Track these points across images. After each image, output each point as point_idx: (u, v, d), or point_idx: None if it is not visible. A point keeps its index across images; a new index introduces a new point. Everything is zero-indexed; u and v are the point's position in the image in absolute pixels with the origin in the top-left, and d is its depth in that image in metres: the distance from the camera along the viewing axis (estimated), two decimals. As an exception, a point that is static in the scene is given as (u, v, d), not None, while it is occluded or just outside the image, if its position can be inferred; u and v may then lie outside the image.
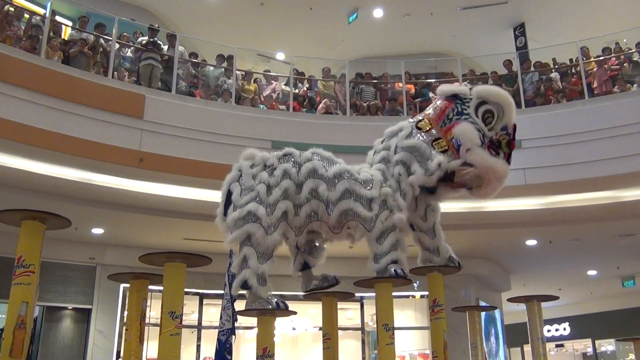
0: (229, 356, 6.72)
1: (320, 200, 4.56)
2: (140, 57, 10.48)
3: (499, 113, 4.70)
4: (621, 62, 11.44)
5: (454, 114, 4.69)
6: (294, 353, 15.06)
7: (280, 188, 4.55)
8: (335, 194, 4.55)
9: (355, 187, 4.59)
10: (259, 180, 4.61)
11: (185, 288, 4.31)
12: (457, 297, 13.09)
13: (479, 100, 4.70)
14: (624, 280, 17.30)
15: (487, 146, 4.59)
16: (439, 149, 4.59)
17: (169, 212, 10.43)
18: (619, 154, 9.86)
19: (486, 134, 4.63)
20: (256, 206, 4.48)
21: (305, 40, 15.18)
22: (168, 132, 9.68)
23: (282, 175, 4.60)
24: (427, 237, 4.85)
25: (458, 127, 4.59)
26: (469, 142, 4.53)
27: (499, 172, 4.62)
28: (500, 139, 4.66)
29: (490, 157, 4.57)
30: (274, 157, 4.75)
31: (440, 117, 4.71)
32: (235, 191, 4.66)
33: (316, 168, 4.64)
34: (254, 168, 4.73)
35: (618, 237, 12.58)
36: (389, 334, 4.35)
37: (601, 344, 22.48)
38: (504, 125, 4.71)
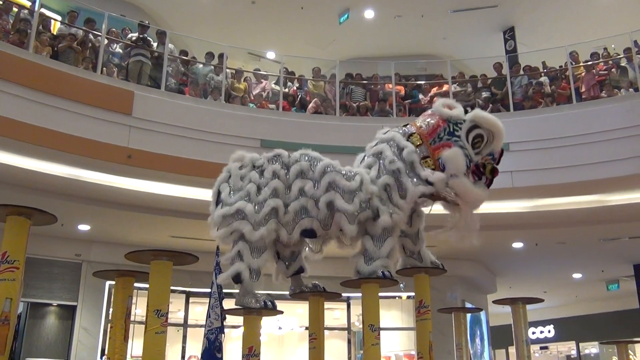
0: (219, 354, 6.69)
1: (309, 197, 4.59)
2: (130, 54, 10.42)
3: (488, 138, 4.78)
4: (609, 67, 11.54)
5: (445, 134, 4.75)
6: (280, 352, 15.04)
7: (269, 187, 4.57)
8: (321, 190, 4.59)
9: (337, 178, 4.62)
10: (247, 181, 4.64)
11: (172, 286, 4.29)
12: (443, 298, 13.12)
13: (472, 124, 4.76)
14: (609, 284, 17.44)
15: (471, 170, 4.71)
16: (426, 166, 4.66)
17: (156, 209, 10.38)
18: (605, 158, 9.94)
19: (472, 158, 4.72)
20: (244, 204, 4.51)
21: (296, 39, 15.17)
22: (157, 129, 9.64)
23: (271, 177, 4.63)
24: (410, 242, 4.89)
25: (448, 153, 4.65)
26: (454, 169, 4.61)
27: (478, 199, 4.76)
28: (485, 163, 4.77)
29: (470, 185, 4.68)
30: (263, 158, 4.77)
31: (432, 135, 4.76)
32: (224, 192, 4.70)
33: (304, 170, 4.67)
34: (242, 169, 4.76)
35: (603, 240, 12.69)
36: (374, 334, 4.36)
37: (585, 347, 22.66)
38: (492, 151, 4.82)
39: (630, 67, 11.04)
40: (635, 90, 10.62)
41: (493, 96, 11.68)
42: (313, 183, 4.63)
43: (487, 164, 4.76)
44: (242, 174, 4.72)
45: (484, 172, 4.75)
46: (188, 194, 9.87)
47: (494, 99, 11.60)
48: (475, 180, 4.72)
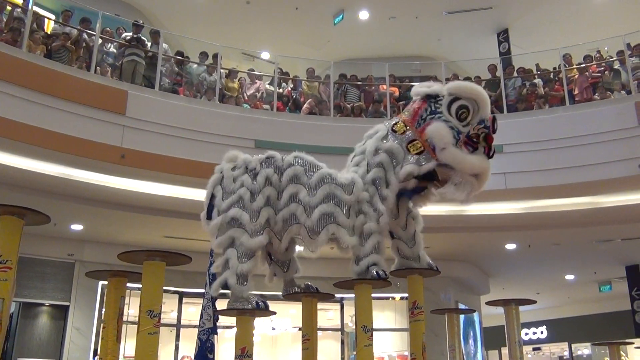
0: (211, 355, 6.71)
1: (300, 204, 4.55)
2: (124, 53, 10.39)
3: (474, 108, 4.58)
4: (602, 69, 11.60)
5: (427, 114, 4.63)
6: (274, 353, 15.03)
7: (263, 195, 4.55)
8: (316, 199, 4.53)
9: (336, 192, 4.56)
10: (240, 184, 4.60)
11: (165, 286, 4.28)
12: (437, 299, 13.16)
13: (452, 97, 4.60)
14: (601, 285, 17.52)
15: (463, 142, 4.53)
16: (414, 150, 4.55)
17: (149, 209, 10.35)
18: (598, 160, 9.99)
19: (461, 130, 4.53)
20: (240, 212, 4.48)
21: (291, 40, 15.17)
22: (150, 129, 9.62)
23: (264, 182, 4.59)
24: (405, 246, 4.82)
25: (430, 127, 4.53)
26: (441, 142, 4.46)
27: (476, 167, 4.54)
28: (478, 132, 4.55)
29: (465, 154, 4.50)
30: (256, 161, 4.73)
31: (415, 118, 4.66)
32: (217, 195, 4.67)
33: (298, 174, 4.63)
34: (235, 171, 4.72)
35: (596, 242, 12.74)
36: (367, 335, 4.36)
37: (577, 348, 22.74)
38: (481, 119, 4.60)
39: (623, 70, 11.11)
40: (628, 93, 10.67)
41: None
42: (307, 189, 4.58)
43: (479, 133, 4.56)
44: (234, 175, 4.68)
45: (478, 142, 4.55)
46: (181, 194, 9.85)
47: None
48: (471, 152, 4.53)
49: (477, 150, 4.55)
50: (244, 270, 4.40)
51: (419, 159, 4.52)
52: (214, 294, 4.67)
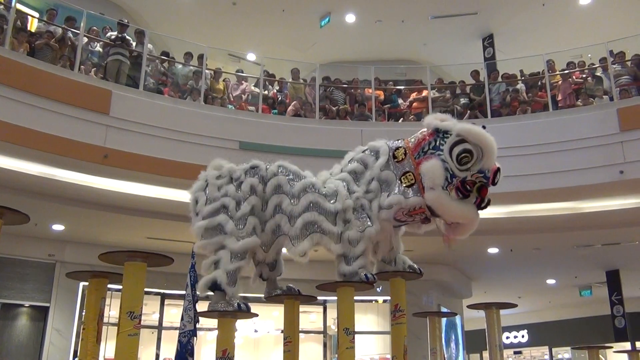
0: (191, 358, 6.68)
1: (283, 213, 4.59)
2: (109, 52, 10.32)
3: (478, 155, 4.37)
4: (585, 76, 11.73)
5: (430, 148, 4.50)
6: (256, 355, 14.99)
7: (248, 203, 4.59)
8: (299, 208, 4.57)
9: (319, 200, 4.59)
10: (224, 193, 4.64)
11: (147, 288, 4.26)
12: (419, 302, 13.21)
13: (458, 138, 4.41)
14: (582, 290, 17.68)
15: (455, 187, 4.34)
16: (406, 182, 4.48)
17: (132, 210, 10.28)
18: (580, 166, 10.08)
19: (456, 173, 4.34)
20: (225, 219, 4.52)
21: (277, 42, 15.16)
22: (134, 129, 9.55)
23: (249, 191, 4.63)
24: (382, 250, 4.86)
25: (425, 164, 4.42)
26: (430, 182, 4.34)
27: (460, 216, 4.43)
28: (475, 180, 4.36)
29: (449, 199, 4.35)
30: (240, 171, 4.76)
31: (417, 148, 4.57)
32: (200, 200, 4.71)
33: (281, 184, 4.67)
34: (220, 179, 4.75)
35: (577, 247, 12.87)
36: (349, 338, 4.36)
37: (558, 352, 22.95)
38: (482, 168, 4.38)
39: (606, 77, 11.23)
40: (610, 99, 10.80)
41: (471, 102, 11.81)
42: (290, 199, 4.61)
43: (476, 182, 4.35)
44: (219, 184, 4.71)
45: (471, 190, 4.35)
46: (165, 195, 9.80)
47: (472, 106, 11.72)
48: (460, 198, 4.35)
49: (467, 198, 4.38)
50: (234, 270, 4.41)
51: (408, 191, 4.47)
52: (200, 293, 4.65)
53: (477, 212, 4.46)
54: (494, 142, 4.43)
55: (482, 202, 4.42)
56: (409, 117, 11.83)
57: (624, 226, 11.36)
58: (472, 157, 4.36)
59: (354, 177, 4.77)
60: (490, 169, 4.41)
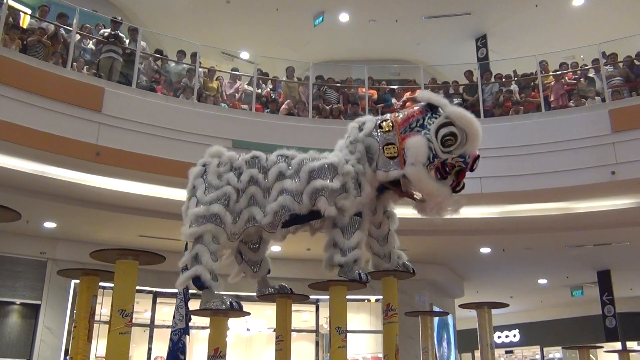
0: (182, 356, 6.67)
1: (290, 194, 4.56)
2: (101, 50, 10.29)
3: (462, 139, 4.41)
4: (578, 77, 11.78)
5: (417, 125, 4.55)
6: (248, 354, 14.98)
7: (246, 195, 4.56)
8: (302, 183, 4.57)
9: (313, 165, 4.62)
10: (225, 182, 4.58)
11: (139, 286, 4.24)
12: (411, 302, 13.24)
13: (447, 120, 4.46)
14: (573, 290, 17.77)
15: (435, 167, 4.41)
16: (388, 153, 4.53)
17: (124, 208, 10.25)
18: (572, 166, 10.13)
19: (438, 154, 4.40)
20: (223, 211, 4.46)
21: (270, 41, 15.15)
22: (127, 126, 9.52)
23: (248, 181, 4.60)
24: (376, 244, 4.87)
25: (410, 140, 4.47)
26: (413, 158, 4.40)
27: (435, 193, 4.48)
28: (455, 164, 4.44)
29: (429, 178, 4.41)
30: (241, 160, 4.72)
31: (404, 123, 4.61)
32: (199, 188, 4.63)
33: (282, 171, 4.66)
34: (220, 167, 4.69)
35: (569, 247, 12.93)
36: (341, 337, 4.37)
37: (549, 352, 23.05)
38: (463, 153, 4.44)
39: (598, 78, 11.28)
40: (602, 101, 10.85)
41: (464, 102, 11.83)
42: (291, 180, 4.60)
43: (455, 165, 4.43)
44: (220, 171, 4.65)
45: (449, 173, 4.44)
46: (157, 193, 9.78)
47: (465, 106, 11.73)
48: (438, 179, 4.43)
49: (445, 180, 4.46)
50: (216, 268, 4.40)
51: (389, 163, 4.53)
52: (179, 287, 4.58)
53: (451, 193, 4.52)
54: (480, 129, 4.52)
55: (458, 185, 4.52)
56: (402, 116, 11.84)
57: (615, 227, 11.42)
58: (456, 140, 4.42)
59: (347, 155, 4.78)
60: (470, 155, 4.49)
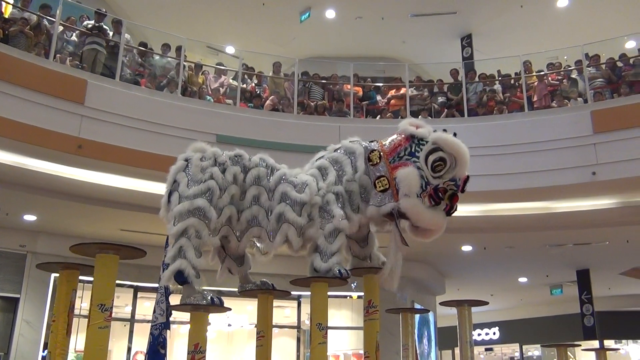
0: (163, 350, 6.62)
1: (262, 207, 4.60)
2: (85, 42, 10.18)
3: (451, 163, 4.50)
4: (561, 78, 11.88)
5: (406, 154, 4.57)
6: (229, 349, 14.96)
7: (228, 193, 4.53)
8: (275, 202, 4.59)
9: (288, 189, 4.60)
10: (209, 176, 4.53)
11: (119, 280, 4.22)
12: (393, 299, 13.26)
13: (434, 146, 4.51)
14: (552, 289, 17.98)
15: (428, 194, 4.45)
16: (380, 187, 4.52)
17: (106, 201, 10.18)
18: (553, 166, 10.23)
19: (430, 181, 4.46)
20: (207, 205, 4.41)
21: (256, 36, 15.10)
22: (109, 119, 9.43)
23: (231, 180, 4.57)
24: (357, 246, 4.88)
25: (402, 171, 4.47)
26: (406, 189, 4.41)
27: (431, 224, 4.53)
28: (447, 188, 4.48)
29: (423, 207, 4.44)
30: (225, 156, 4.69)
31: (392, 153, 4.61)
32: (182, 182, 4.56)
33: (260, 176, 4.66)
34: (204, 161, 4.65)
35: (549, 246, 13.06)
36: (322, 333, 4.37)
37: (528, 349, 23.31)
38: (454, 176, 4.51)
39: (581, 79, 11.39)
40: (585, 102, 10.95)
41: (448, 101, 11.89)
42: (267, 193, 4.62)
43: (448, 189, 4.47)
44: (203, 165, 4.59)
45: (442, 198, 4.46)
46: (139, 186, 9.71)
47: (449, 104, 11.81)
48: (432, 205, 4.45)
49: (438, 205, 4.48)
50: (200, 263, 4.38)
51: (382, 198, 4.52)
52: (164, 283, 4.55)
53: (445, 219, 4.58)
54: (467, 152, 4.57)
55: (452, 209, 4.55)
56: (387, 114, 11.88)
57: (595, 226, 11.56)
58: (446, 165, 4.49)
59: (322, 172, 4.77)
60: (461, 178, 4.54)
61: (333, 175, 4.71)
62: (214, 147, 4.81)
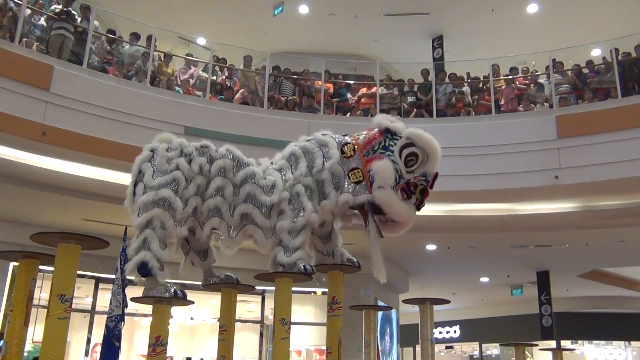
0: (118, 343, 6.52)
1: (225, 199, 4.59)
2: (52, 26, 9.96)
3: (423, 158, 4.63)
4: (528, 82, 12.09)
5: (380, 147, 4.67)
6: (191, 343, 14.87)
7: (194, 183, 4.53)
8: (239, 199, 4.60)
9: (257, 193, 4.61)
10: (175, 166, 4.51)
11: (81, 271, 4.14)
12: (357, 295, 13.36)
13: (408, 141, 4.64)
14: (513, 289, 18.31)
15: (401, 187, 4.55)
16: (354, 179, 4.59)
17: (69, 190, 9.99)
18: (518, 169, 10.41)
19: (403, 175, 4.58)
20: (173, 196, 4.39)
21: (228, 28, 14.97)
22: (75, 107, 9.26)
23: (198, 170, 4.57)
24: (320, 242, 4.91)
25: (377, 163, 4.57)
26: (381, 181, 4.50)
27: (403, 216, 4.62)
28: (418, 183, 4.59)
29: (397, 199, 4.54)
30: (192, 147, 4.68)
31: (366, 146, 4.70)
32: (147, 172, 4.54)
33: (226, 168, 4.65)
34: (170, 152, 4.62)
35: (511, 247, 13.30)
36: (285, 328, 4.38)
37: (487, 348, 23.71)
38: (425, 172, 4.64)
39: (547, 84, 11.60)
40: (550, 107, 11.16)
41: (418, 101, 11.98)
42: (233, 186, 4.62)
43: (418, 184, 4.58)
44: (169, 156, 4.58)
45: (414, 192, 4.57)
46: (104, 176, 9.57)
47: (419, 104, 11.90)
48: (404, 199, 4.56)
49: (409, 199, 4.58)
50: (164, 256, 4.34)
51: (356, 188, 4.59)
52: (130, 274, 4.50)
53: (415, 213, 4.68)
54: (439, 148, 4.70)
55: (421, 203, 4.66)
56: (357, 112, 11.92)
57: (556, 229, 11.82)
58: (418, 160, 4.63)
59: (292, 162, 4.80)
60: (431, 174, 4.66)
61: (304, 166, 4.74)
62: (181, 139, 4.78)
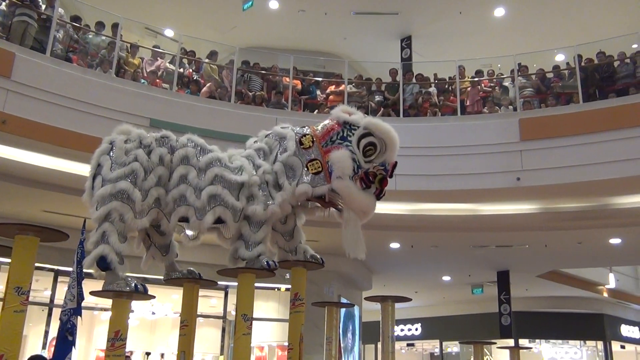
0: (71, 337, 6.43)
1: (189, 185, 4.53)
2: (14, 12, 9.70)
3: (381, 148, 4.65)
4: (493, 85, 12.28)
5: (338, 138, 4.69)
6: (152, 338, 14.71)
7: (154, 174, 4.47)
8: (205, 181, 4.53)
9: (225, 173, 4.57)
10: (133, 158, 4.46)
11: (39, 263, 4.07)
12: (320, 292, 13.40)
13: (365, 131, 4.66)
14: (474, 288, 18.59)
15: (360, 177, 4.59)
16: (312, 170, 4.60)
17: (29, 181, 9.76)
18: (481, 170, 10.58)
19: (362, 165, 4.61)
20: (131, 188, 4.34)
21: (197, 21, 14.81)
22: (37, 96, 9.05)
23: (157, 161, 4.51)
24: (282, 239, 4.90)
25: (335, 153, 4.59)
26: (339, 171, 4.52)
27: (363, 205, 4.63)
28: (377, 172, 4.63)
29: (356, 189, 4.57)
30: (151, 138, 4.62)
31: (325, 137, 4.72)
32: (105, 165, 4.48)
33: (188, 156, 4.61)
34: (128, 143, 4.56)
35: (473, 247, 13.51)
36: (246, 324, 4.37)
37: (447, 345, 24.05)
38: (384, 161, 4.68)
39: (512, 87, 11.81)
40: (514, 110, 11.36)
41: (385, 100, 12.06)
42: (197, 171, 4.56)
43: (377, 174, 4.62)
44: (127, 148, 4.52)
45: (373, 182, 4.61)
46: (65, 167, 9.37)
47: (386, 104, 11.98)
48: (363, 188, 4.59)
49: (369, 188, 4.62)
50: (123, 249, 4.29)
51: (315, 179, 4.59)
52: (88, 268, 4.43)
53: (375, 202, 4.72)
54: (397, 137, 4.75)
55: (381, 193, 4.70)
56: (325, 109, 11.93)
57: (517, 230, 12.05)
58: (376, 150, 4.66)
59: (259, 154, 4.81)
60: (389, 163, 4.71)
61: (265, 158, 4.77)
62: (140, 130, 4.72)
